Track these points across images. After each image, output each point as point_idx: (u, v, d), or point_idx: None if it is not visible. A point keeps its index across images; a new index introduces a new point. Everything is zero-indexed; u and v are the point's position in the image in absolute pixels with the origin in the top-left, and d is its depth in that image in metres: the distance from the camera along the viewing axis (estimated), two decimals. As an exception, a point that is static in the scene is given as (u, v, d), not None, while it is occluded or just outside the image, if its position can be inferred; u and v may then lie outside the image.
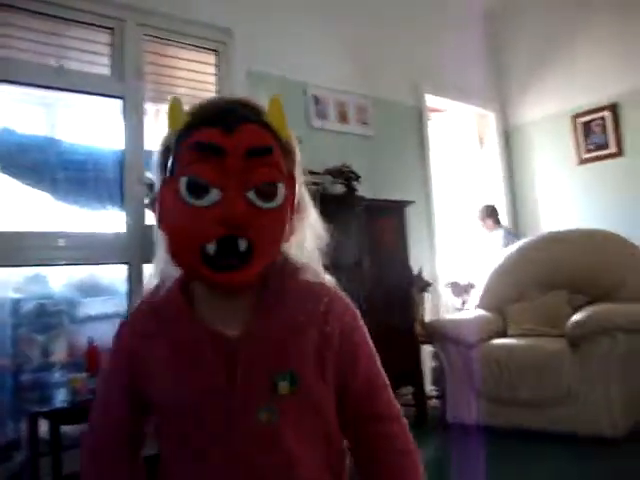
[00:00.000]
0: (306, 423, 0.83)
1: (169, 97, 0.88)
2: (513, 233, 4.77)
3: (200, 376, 0.81)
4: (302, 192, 0.86)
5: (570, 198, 4.86)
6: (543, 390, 3.01)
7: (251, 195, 0.75)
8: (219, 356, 0.81)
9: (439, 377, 3.86)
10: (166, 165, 0.79)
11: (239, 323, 0.82)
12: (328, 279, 0.90)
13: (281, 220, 0.78)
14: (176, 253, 0.78)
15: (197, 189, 0.74)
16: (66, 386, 2.31)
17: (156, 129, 3.37)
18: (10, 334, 2.78)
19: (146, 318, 0.87)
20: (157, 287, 0.88)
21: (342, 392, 0.86)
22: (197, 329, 0.82)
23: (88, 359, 2.41)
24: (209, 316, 0.83)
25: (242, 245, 0.75)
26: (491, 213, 4.68)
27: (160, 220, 0.80)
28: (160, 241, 0.83)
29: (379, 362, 0.90)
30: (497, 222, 4.69)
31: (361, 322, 0.89)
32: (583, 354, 2.93)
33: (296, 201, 0.82)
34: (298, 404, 0.82)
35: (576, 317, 3.05)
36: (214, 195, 0.74)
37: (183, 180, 0.75)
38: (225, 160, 0.75)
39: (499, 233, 4.62)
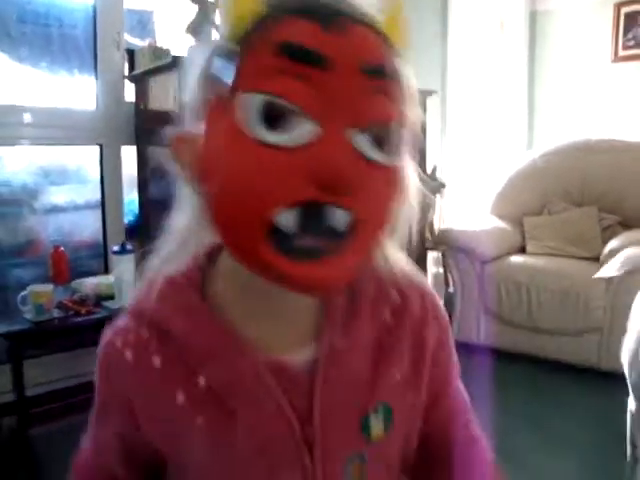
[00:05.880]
0: (383, 470, 0.60)
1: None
2: None
3: (253, 426, 0.53)
4: None
5: (598, 100, 4.35)
6: (567, 319, 2.72)
7: (362, 139, 0.46)
8: (279, 393, 0.53)
9: (441, 285, 3.59)
10: (213, 82, 0.47)
11: (302, 337, 0.55)
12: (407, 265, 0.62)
13: (400, 186, 0.50)
14: (226, 221, 0.47)
15: (279, 118, 0.44)
16: (28, 301, 1.85)
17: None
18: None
19: (143, 340, 0.55)
20: (150, 284, 0.56)
21: (427, 418, 0.64)
22: (235, 356, 0.53)
23: (53, 267, 1.98)
24: (248, 327, 0.54)
25: (341, 220, 0.45)
26: None
27: (203, 168, 0.48)
28: (187, 204, 0.53)
29: None
30: None
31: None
32: (619, 285, 2.62)
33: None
34: (387, 448, 0.59)
35: (613, 244, 2.70)
36: (306, 131, 0.44)
37: (256, 100, 0.44)
38: (328, 76, 0.45)
39: None
